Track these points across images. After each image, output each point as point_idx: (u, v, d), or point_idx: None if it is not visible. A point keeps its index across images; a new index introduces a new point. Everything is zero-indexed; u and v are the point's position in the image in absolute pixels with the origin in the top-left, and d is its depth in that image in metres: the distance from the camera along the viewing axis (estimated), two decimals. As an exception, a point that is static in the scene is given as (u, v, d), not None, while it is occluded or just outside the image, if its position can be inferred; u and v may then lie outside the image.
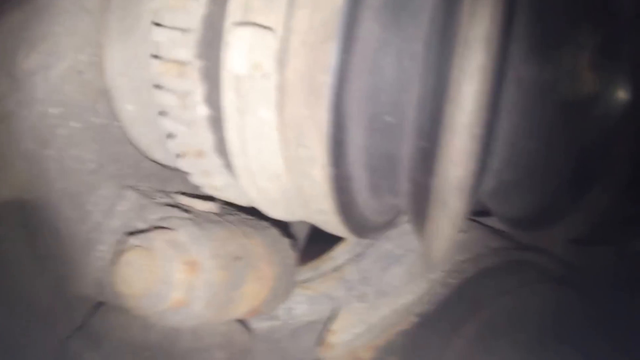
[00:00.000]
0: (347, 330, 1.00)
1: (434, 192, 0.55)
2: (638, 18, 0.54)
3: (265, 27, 0.54)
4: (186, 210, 0.76)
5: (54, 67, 0.67)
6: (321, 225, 0.71)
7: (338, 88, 0.53)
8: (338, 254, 1.10)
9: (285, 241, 0.90)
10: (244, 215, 0.86)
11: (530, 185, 0.64)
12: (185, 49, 0.61)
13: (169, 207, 0.75)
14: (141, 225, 0.73)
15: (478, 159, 0.52)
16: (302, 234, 1.16)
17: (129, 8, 0.68)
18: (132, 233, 0.70)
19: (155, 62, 0.63)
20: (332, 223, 0.67)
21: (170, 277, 0.68)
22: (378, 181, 0.64)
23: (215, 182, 0.73)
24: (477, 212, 0.89)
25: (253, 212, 0.80)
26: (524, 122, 0.57)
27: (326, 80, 0.53)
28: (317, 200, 0.62)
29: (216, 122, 0.65)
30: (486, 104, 0.50)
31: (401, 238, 1.04)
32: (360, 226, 0.71)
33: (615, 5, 0.55)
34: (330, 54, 0.52)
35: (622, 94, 0.56)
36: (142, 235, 0.68)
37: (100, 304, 0.78)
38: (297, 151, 0.58)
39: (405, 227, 0.99)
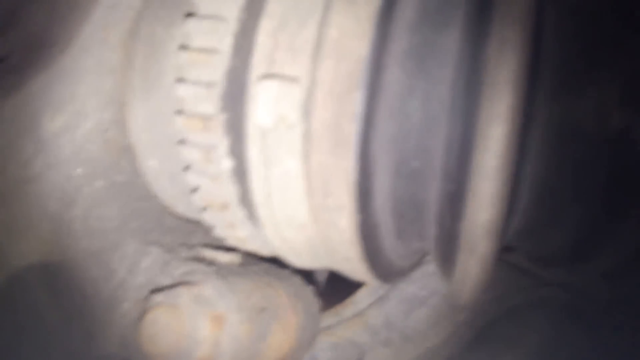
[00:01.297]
0: (373, 377, 0.98)
1: (463, 236, 0.55)
2: None
3: (290, 79, 0.55)
4: (210, 264, 0.75)
5: (80, 127, 0.68)
6: (346, 273, 0.71)
7: (364, 136, 0.53)
8: (360, 298, 1.09)
9: (308, 289, 0.89)
10: (266, 265, 0.85)
11: (559, 224, 0.64)
12: (209, 103, 0.62)
13: (193, 262, 0.74)
14: (165, 281, 0.73)
15: (507, 201, 0.52)
16: (322, 277, 1.15)
17: (152, 65, 0.69)
18: (156, 290, 0.69)
19: (179, 117, 0.64)
20: (358, 270, 0.66)
21: (196, 334, 0.67)
22: (405, 226, 0.63)
23: (240, 234, 0.72)
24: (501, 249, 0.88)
25: (275, 261, 0.79)
26: (551, 161, 0.56)
27: (352, 129, 0.53)
28: (344, 248, 0.62)
29: (240, 174, 0.65)
30: (515, 146, 0.50)
31: (425, 279, 1.02)
32: (387, 271, 0.70)
33: None
34: (356, 103, 0.53)
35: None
36: (167, 292, 0.67)
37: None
38: (323, 200, 0.58)
39: (428, 268, 0.98)
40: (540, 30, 0.51)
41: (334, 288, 1.11)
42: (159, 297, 0.68)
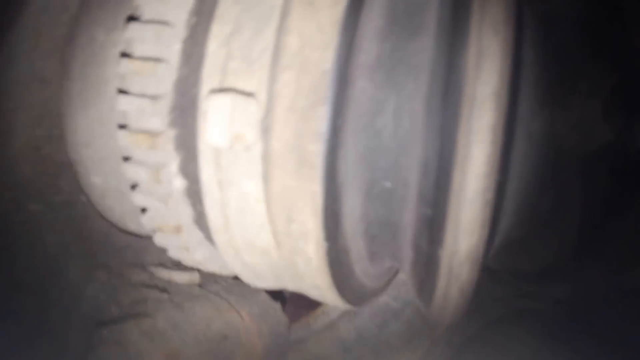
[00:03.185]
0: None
1: (443, 263, 0.50)
2: None
3: (246, 94, 0.48)
4: (164, 289, 0.69)
5: (7, 146, 0.60)
6: (315, 298, 0.65)
7: (331, 156, 0.48)
8: (332, 309, 1.04)
9: (275, 306, 0.83)
10: (230, 281, 0.79)
11: (541, 241, 0.60)
12: (156, 117, 0.55)
13: (144, 287, 0.67)
14: (114, 310, 0.66)
15: (490, 226, 0.47)
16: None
17: (91, 74, 0.62)
18: (103, 323, 0.63)
19: (122, 133, 0.57)
20: (328, 297, 0.61)
21: (148, 374, 0.60)
22: (377, 249, 0.58)
23: (196, 257, 0.66)
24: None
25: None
26: (535, 178, 0.52)
27: (317, 149, 0.47)
28: (312, 276, 0.56)
29: (194, 194, 0.59)
30: (497, 167, 0.45)
31: (397, 290, 0.98)
32: (358, 295, 0.65)
33: (626, 44, 0.51)
34: (321, 120, 0.47)
35: (639, 140, 0.51)
36: (115, 327, 0.60)
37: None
38: (287, 226, 0.52)
39: (400, 276, 0.93)
40: (520, 39, 0.46)
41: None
42: (105, 333, 0.61)
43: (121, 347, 0.58)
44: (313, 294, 0.62)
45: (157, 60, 0.54)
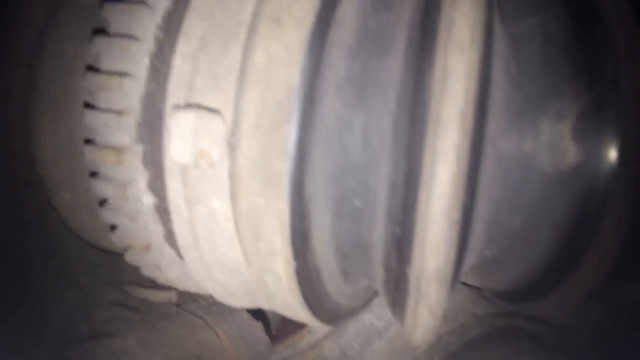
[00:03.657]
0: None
1: (411, 282, 0.49)
2: (623, 76, 0.50)
3: (211, 110, 0.48)
4: (137, 308, 0.68)
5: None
6: (289, 316, 0.64)
7: (298, 174, 0.47)
8: (318, 328, 1.02)
9: (257, 325, 0.82)
10: (210, 300, 0.78)
11: (515, 261, 0.59)
12: (123, 133, 0.54)
13: (116, 307, 0.66)
14: (84, 330, 0.64)
15: (457, 244, 0.46)
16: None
17: (60, 88, 0.61)
18: (72, 343, 0.61)
19: (89, 148, 0.56)
20: (301, 316, 0.60)
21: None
22: (350, 267, 0.57)
23: (169, 275, 0.65)
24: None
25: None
26: (504, 198, 0.51)
27: (284, 167, 0.46)
28: (283, 294, 0.55)
29: (164, 211, 0.58)
30: (463, 186, 0.44)
31: (381, 309, 0.97)
32: (333, 314, 0.64)
33: (597, 66, 0.51)
34: (287, 138, 0.46)
35: (608, 161, 0.51)
36: (83, 347, 0.59)
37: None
38: (256, 244, 0.51)
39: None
40: (488, 59, 0.46)
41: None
42: (72, 352, 0.59)
43: (87, 368, 0.57)
44: (286, 312, 0.61)
45: (123, 74, 0.53)
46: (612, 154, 0.50)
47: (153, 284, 0.75)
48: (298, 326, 1.05)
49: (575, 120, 0.49)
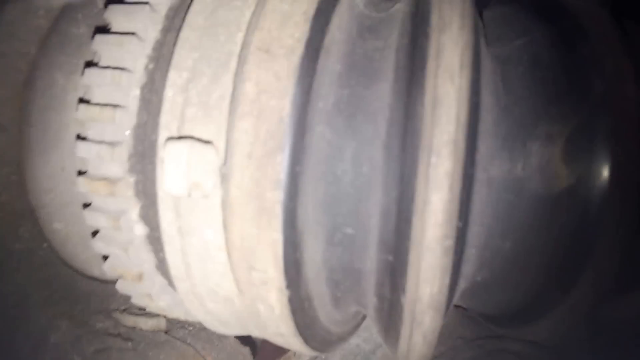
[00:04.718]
0: None
1: (405, 310, 0.49)
2: (611, 96, 0.50)
3: (203, 141, 0.48)
4: (128, 337, 0.67)
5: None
6: (280, 345, 0.64)
7: (290, 204, 0.47)
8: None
9: (245, 351, 0.81)
10: (198, 326, 0.77)
11: (507, 285, 0.59)
12: (115, 164, 0.54)
13: (108, 336, 0.65)
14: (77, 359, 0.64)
15: (451, 271, 0.46)
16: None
17: (51, 119, 0.61)
18: (64, 374, 0.60)
19: (81, 179, 0.56)
20: (292, 345, 0.59)
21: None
22: (342, 295, 0.57)
23: (160, 304, 0.64)
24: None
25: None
26: (496, 223, 0.51)
27: (277, 197, 0.46)
28: (275, 323, 0.55)
29: (156, 241, 0.58)
30: (457, 213, 0.44)
31: (369, 331, 0.96)
32: (324, 341, 0.63)
33: (585, 86, 0.51)
34: (279, 167, 0.46)
35: (601, 183, 0.51)
36: (74, 378, 0.58)
37: None
38: (249, 274, 0.51)
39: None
40: (477, 84, 0.46)
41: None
42: (65, 385, 0.59)
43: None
44: (278, 341, 0.60)
45: (115, 106, 0.53)
46: (604, 175, 0.50)
47: (142, 311, 0.74)
48: (283, 350, 1.04)
49: (565, 142, 0.49)
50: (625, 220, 0.50)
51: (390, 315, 0.53)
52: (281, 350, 1.04)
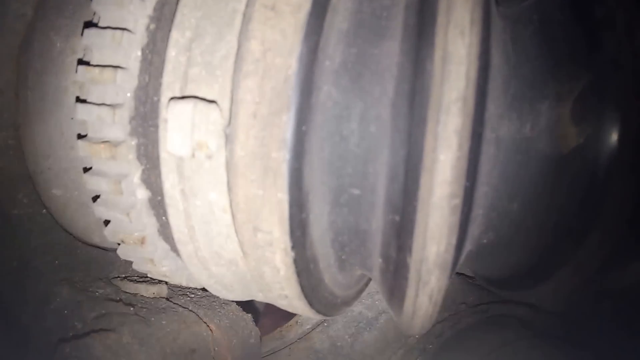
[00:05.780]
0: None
1: (411, 270, 0.49)
2: (623, 56, 0.49)
3: (208, 101, 0.47)
4: (130, 303, 0.67)
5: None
6: (284, 308, 0.64)
7: (296, 164, 0.46)
8: (306, 319, 1.02)
9: (247, 317, 0.81)
10: (199, 293, 0.78)
11: (512, 247, 0.59)
12: (116, 127, 0.53)
13: (109, 302, 0.65)
14: (78, 326, 0.63)
15: (458, 231, 0.46)
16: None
17: (49, 82, 0.60)
18: (66, 339, 0.60)
19: (82, 143, 0.55)
20: (297, 307, 0.59)
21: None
22: (347, 257, 0.57)
23: (162, 269, 0.64)
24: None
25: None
26: (504, 183, 0.51)
27: (282, 157, 0.46)
28: (280, 285, 0.55)
29: (158, 204, 0.57)
30: (465, 171, 0.44)
31: (372, 298, 0.97)
32: (329, 305, 0.63)
33: (596, 45, 0.50)
34: (285, 127, 0.45)
35: (609, 143, 0.51)
36: (78, 343, 0.58)
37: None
38: (254, 236, 0.50)
39: (373, 285, 0.92)
40: (487, 42, 0.45)
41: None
42: (68, 348, 0.59)
43: (84, 364, 0.56)
44: (282, 303, 0.61)
45: (115, 67, 0.52)
46: (613, 136, 0.50)
47: (143, 279, 0.74)
48: (287, 318, 1.04)
49: (574, 102, 0.49)
50: (634, 180, 0.50)
51: (396, 276, 0.52)
52: (284, 318, 1.05)
